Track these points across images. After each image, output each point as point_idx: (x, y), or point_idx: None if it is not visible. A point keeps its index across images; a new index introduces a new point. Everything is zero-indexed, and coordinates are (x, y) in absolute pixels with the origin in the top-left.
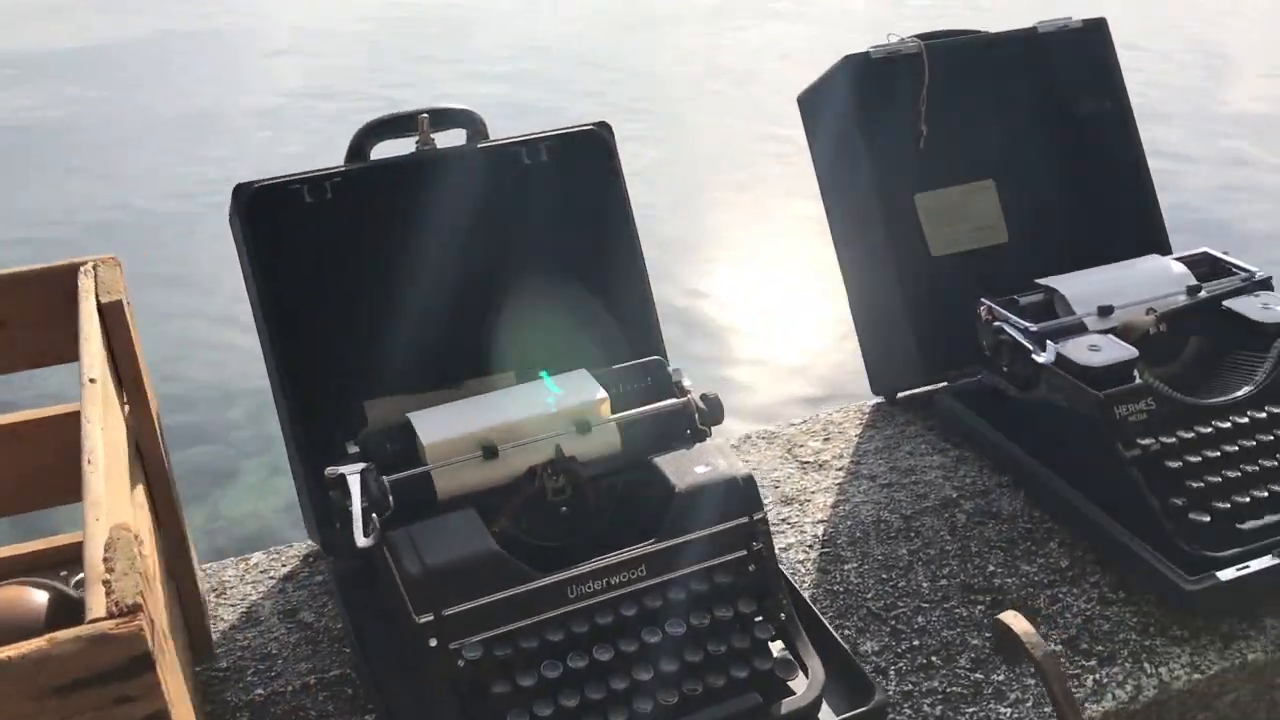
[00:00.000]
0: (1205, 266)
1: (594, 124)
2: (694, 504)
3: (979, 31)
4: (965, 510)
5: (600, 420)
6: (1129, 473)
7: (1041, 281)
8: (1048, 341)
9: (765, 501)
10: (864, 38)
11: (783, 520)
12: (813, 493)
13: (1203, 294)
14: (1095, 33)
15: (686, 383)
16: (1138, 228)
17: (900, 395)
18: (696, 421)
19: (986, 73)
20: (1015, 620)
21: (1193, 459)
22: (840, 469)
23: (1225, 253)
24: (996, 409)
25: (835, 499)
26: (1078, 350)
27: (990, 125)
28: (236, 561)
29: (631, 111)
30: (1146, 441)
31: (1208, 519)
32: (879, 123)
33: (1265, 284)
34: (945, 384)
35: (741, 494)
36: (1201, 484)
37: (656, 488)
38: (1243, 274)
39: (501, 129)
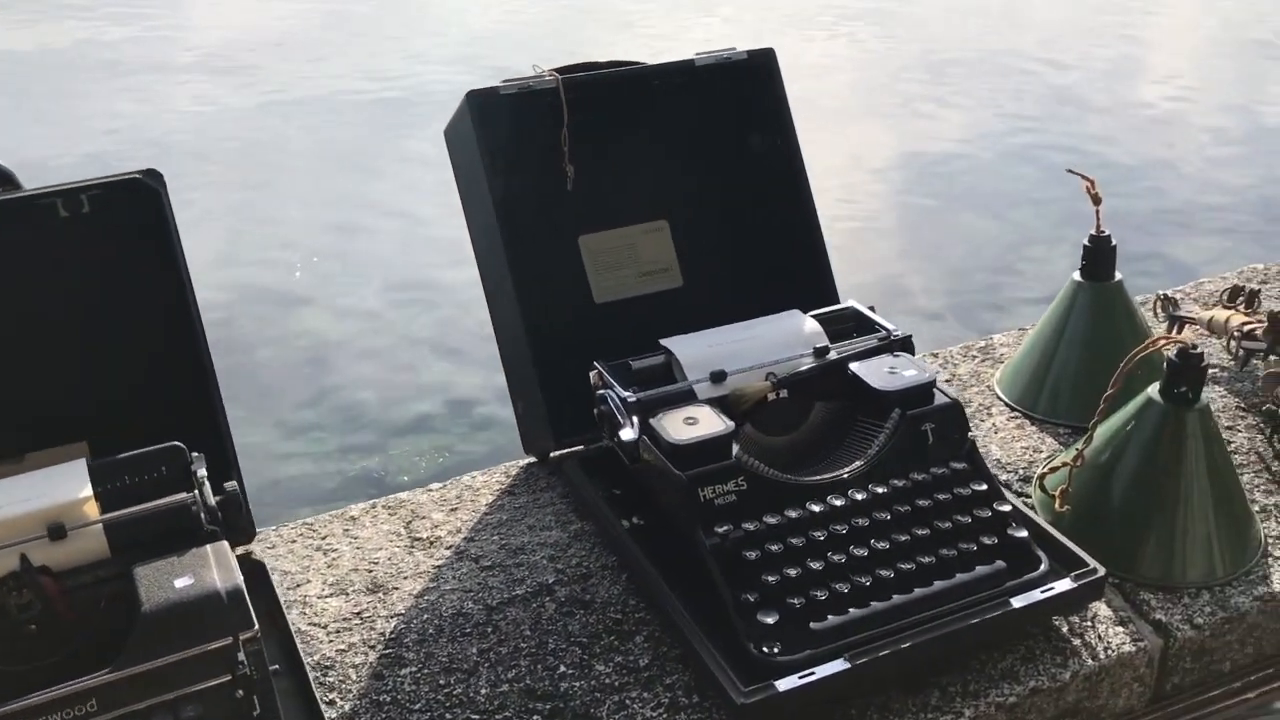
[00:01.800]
0: (849, 323)
1: (140, 172)
2: (162, 625)
3: (637, 64)
4: (558, 598)
5: (80, 521)
6: (707, 562)
7: (663, 342)
8: (633, 416)
9: (349, 591)
10: None
11: (356, 615)
12: (405, 578)
13: (831, 356)
14: (761, 65)
15: (201, 473)
16: (805, 270)
17: (553, 455)
18: (203, 521)
19: (648, 108)
20: None
21: (774, 548)
22: (450, 547)
23: (871, 308)
24: (615, 481)
25: (425, 586)
26: (672, 424)
27: (662, 163)
28: None
29: None
30: (724, 528)
31: (775, 618)
32: (515, 163)
33: (904, 344)
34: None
35: (225, 611)
36: (777, 577)
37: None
38: (881, 333)
39: None
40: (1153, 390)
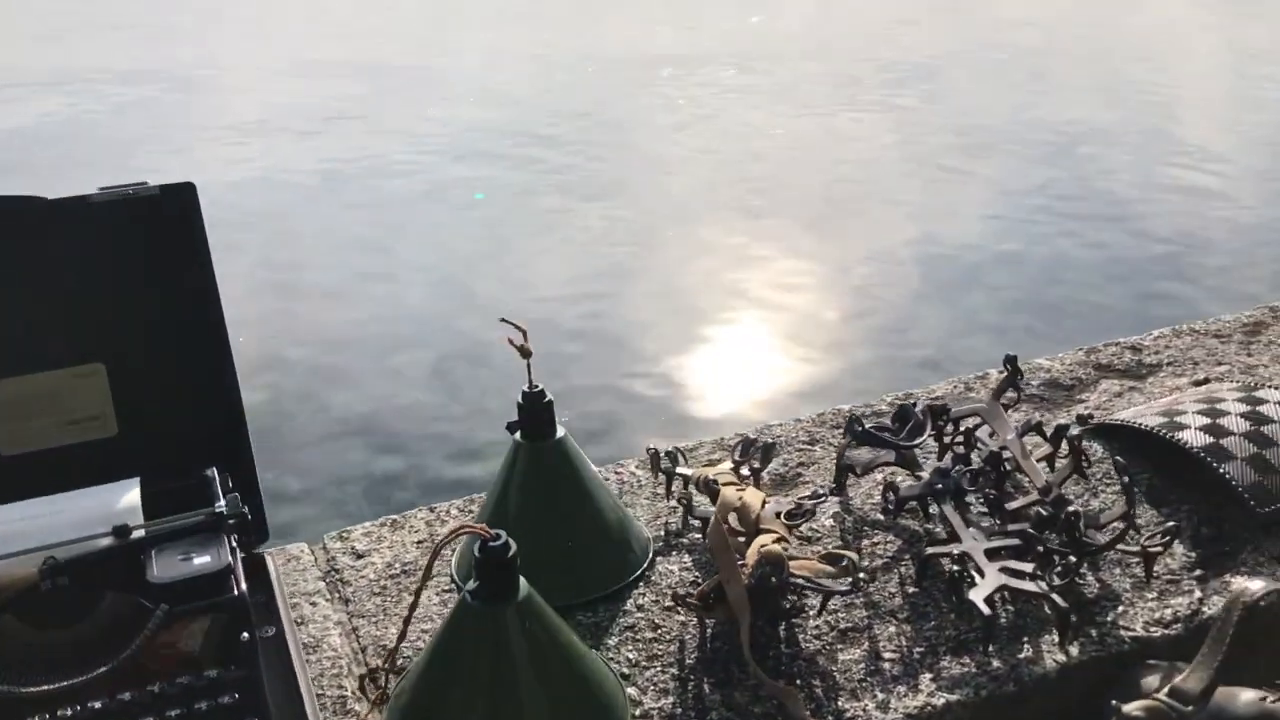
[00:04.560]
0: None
1: None
2: None
3: (32, 198)
4: None
5: None
6: None
7: None
8: None
9: None
10: None
11: None
12: None
13: (136, 536)
14: (176, 201)
15: None
16: (221, 427)
17: None
18: None
19: (51, 247)
20: None
21: None
22: None
23: (225, 476)
24: None
25: None
26: None
27: (88, 304)
28: None
29: None
30: None
31: None
32: None
33: (239, 521)
34: None
35: None
36: None
37: None
38: (205, 511)
39: None
40: (469, 585)
